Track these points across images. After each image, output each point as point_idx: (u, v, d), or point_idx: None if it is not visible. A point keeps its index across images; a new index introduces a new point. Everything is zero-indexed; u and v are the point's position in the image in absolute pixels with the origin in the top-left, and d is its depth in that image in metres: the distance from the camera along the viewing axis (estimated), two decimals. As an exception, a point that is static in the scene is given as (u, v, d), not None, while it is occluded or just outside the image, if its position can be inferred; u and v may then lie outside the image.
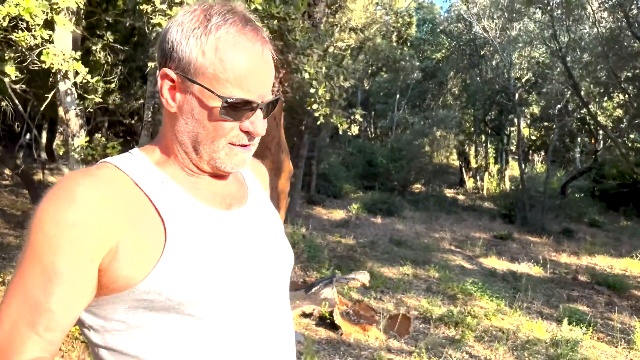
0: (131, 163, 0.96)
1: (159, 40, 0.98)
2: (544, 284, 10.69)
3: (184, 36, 0.92)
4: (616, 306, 9.62)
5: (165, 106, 0.97)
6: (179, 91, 0.94)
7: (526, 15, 15.36)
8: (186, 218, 0.93)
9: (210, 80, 0.91)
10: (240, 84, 0.91)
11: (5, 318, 0.85)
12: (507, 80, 17.68)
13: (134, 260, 0.87)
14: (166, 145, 0.99)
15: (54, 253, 0.84)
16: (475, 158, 24.19)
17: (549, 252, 14.17)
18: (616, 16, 12.10)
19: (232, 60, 0.91)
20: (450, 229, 15.70)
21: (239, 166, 0.99)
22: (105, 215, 0.85)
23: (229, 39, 0.91)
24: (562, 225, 17.52)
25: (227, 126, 0.94)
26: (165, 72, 0.94)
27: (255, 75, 0.93)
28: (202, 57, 0.90)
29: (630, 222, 19.42)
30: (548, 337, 6.91)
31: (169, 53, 0.93)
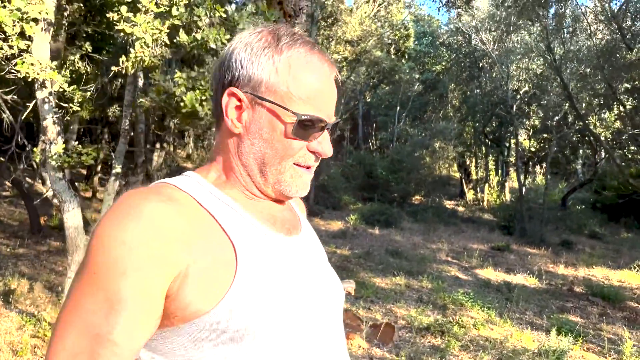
0: (190, 184, 0.91)
1: (220, 60, 0.96)
2: (539, 295, 10.65)
3: (254, 55, 0.90)
4: (609, 317, 9.57)
5: (230, 127, 0.93)
6: (246, 111, 0.92)
7: (522, 28, 15.46)
8: (255, 242, 0.89)
9: (282, 98, 0.89)
10: (312, 103, 0.90)
11: (61, 351, 0.76)
12: (505, 92, 17.74)
13: (205, 286, 0.80)
14: (225, 167, 0.96)
15: (119, 277, 0.75)
16: (475, 170, 24.20)
17: (546, 264, 14.12)
18: (611, 28, 12.17)
19: (305, 79, 0.90)
20: (448, 240, 15.68)
21: (302, 189, 0.96)
22: (174, 235, 0.79)
23: (301, 58, 0.91)
24: (562, 237, 17.46)
25: (296, 146, 0.92)
26: (232, 91, 0.91)
27: (325, 95, 0.92)
28: (275, 75, 0.89)
29: (630, 234, 19.32)
30: (535, 347, 6.89)
31: (237, 72, 0.91)
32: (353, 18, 13.17)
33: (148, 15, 2.61)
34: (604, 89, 15.72)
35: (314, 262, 1.01)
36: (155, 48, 2.78)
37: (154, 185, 0.91)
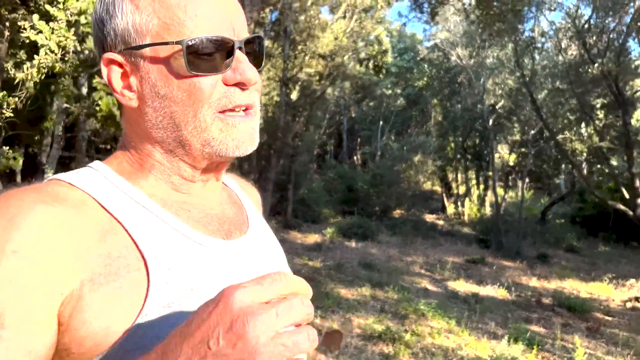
0: (92, 180, 0.72)
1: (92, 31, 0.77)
2: (505, 306, 10.73)
3: (109, 5, 0.72)
4: (571, 327, 9.67)
5: (123, 101, 0.74)
6: (132, 74, 0.72)
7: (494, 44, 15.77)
8: (174, 250, 0.70)
9: (159, 34, 0.69)
10: (200, 22, 0.69)
11: None
12: (482, 106, 18.02)
13: (107, 311, 0.62)
14: (138, 152, 0.76)
15: None
16: (456, 184, 24.40)
17: (519, 276, 14.22)
18: (576, 44, 12.46)
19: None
20: (424, 253, 15.77)
21: (245, 142, 0.74)
22: (61, 244, 0.62)
23: None
24: (539, 250, 17.59)
25: (205, 85, 0.70)
26: (107, 57, 0.72)
27: (212, 4, 0.71)
28: (137, 13, 0.70)
29: (607, 248, 19.49)
30: (488, 355, 6.97)
31: (101, 34, 0.73)
32: (328, 33, 13.41)
33: (58, 23, 2.72)
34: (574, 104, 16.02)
35: (263, 268, 0.80)
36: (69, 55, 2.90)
37: (43, 183, 0.71)
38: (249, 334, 0.49)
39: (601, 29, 11.77)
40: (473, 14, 9.56)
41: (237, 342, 0.49)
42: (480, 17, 9.28)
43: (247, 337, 0.49)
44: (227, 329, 0.50)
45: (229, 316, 0.50)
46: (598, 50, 12.12)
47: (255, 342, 0.49)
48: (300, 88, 14.82)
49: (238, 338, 0.49)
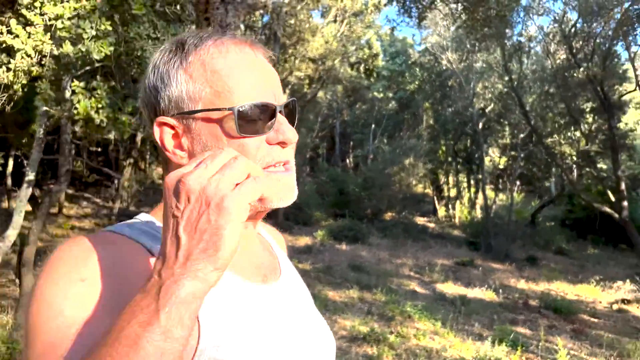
0: (140, 229, 0.80)
1: (140, 94, 0.85)
2: (492, 308, 10.82)
3: (163, 73, 0.79)
4: (557, 329, 9.76)
5: (174, 160, 0.80)
6: (183, 135, 0.79)
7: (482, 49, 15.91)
8: (222, 297, 0.77)
9: (211, 100, 0.77)
10: (246, 91, 0.78)
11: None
12: (472, 110, 18.15)
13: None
14: None
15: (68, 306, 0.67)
16: (447, 187, 24.53)
17: (507, 278, 14.33)
18: (564, 48, 12.59)
19: (227, 67, 0.78)
20: (414, 256, 15.85)
21: (287, 195, 0.81)
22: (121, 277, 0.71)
23: (213, 51, 0.79)
24: (528, 253, 17.71)
25: (252, 145, 0.78)
26: (159, 121, 0.79)
27: (257, 76, 0.80)
28: (191, 82, 0.78)
29: (596, 250, 19.65)
30: (472, 356, 7.04)
31: (155, 100, 0.80)
32: (318, 37, 13.49)
33: (36, 27, 2.78)
34: (563, 108, 16.16)
35: (296, 311, 0.89)
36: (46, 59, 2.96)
37: (98, 234, 0.79)
38: (188, 188, 0.59)
39: (587, 34, 11.91)
40: (460, 18, 9.69)
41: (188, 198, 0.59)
42: (466, 22, 9.40)
43: (189, 191, 0.59)
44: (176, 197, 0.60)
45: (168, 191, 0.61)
46: (585, 54, 12.25)
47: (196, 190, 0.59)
48: (290, 92, 14.91)
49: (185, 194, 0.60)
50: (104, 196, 20.01)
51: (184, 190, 0.59)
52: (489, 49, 15.25)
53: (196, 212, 0.59)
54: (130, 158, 16.37)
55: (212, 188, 0.58)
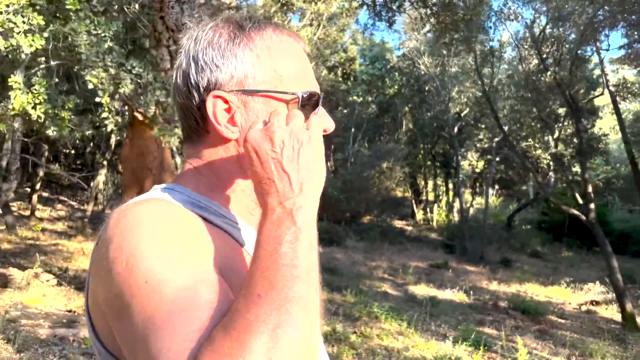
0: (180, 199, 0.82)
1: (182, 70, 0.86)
2: (461, 309, 10.92)
3: (227, 51, 0.83)
4: (522, 329, 9.88)
5: (224, 134, 0.83)
6: (238, 111, 0.83)
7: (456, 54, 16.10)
8: None
9: (272, 83, 0.83)
10: (301, 79, 0.85)
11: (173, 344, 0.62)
12: (447, 114, 18.33)
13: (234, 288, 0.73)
14: (217, 176, 0.87)
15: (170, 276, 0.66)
16: (425, 190, 24.70)
17: (480, 280, 14.46)
18: (534, 53, 12.79)
19: (287, 57, 0.85)
20: (389, 258, 15.94)
21: None
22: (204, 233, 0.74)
23: (275, 39, 0.85)
24: (503, 255, 17.91)
25: None
26: (217, 94, 0.82)
27: (308, 68, 0.88)
28: (258, 63, 0.83)
29: (571, 253, 19.92)
30: (433, 355, 7.10)
31: (213, 74, 0.83)
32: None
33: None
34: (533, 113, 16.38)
35: None
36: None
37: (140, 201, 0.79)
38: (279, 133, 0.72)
39: (556, 39, 12.11)
40: (429, 22, 9.81)
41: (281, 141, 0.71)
42: (435, 26, 9.52)
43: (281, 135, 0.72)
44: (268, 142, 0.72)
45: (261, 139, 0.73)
46: (554, 59, 12.46)
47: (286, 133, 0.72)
48: (265, 94, 14.80)
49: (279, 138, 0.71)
50: (79, 199, 19.85)
51: (275, 135, 0.71)
52: (460, 54, 15.42)
53: (293, 150, 0.70)
54: (104, 160, 16.23)
55: (296, 130, 0.72)
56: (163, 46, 5.46)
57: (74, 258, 10.24)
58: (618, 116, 14.62)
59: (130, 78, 3.84)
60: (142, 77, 4.01)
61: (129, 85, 3.89)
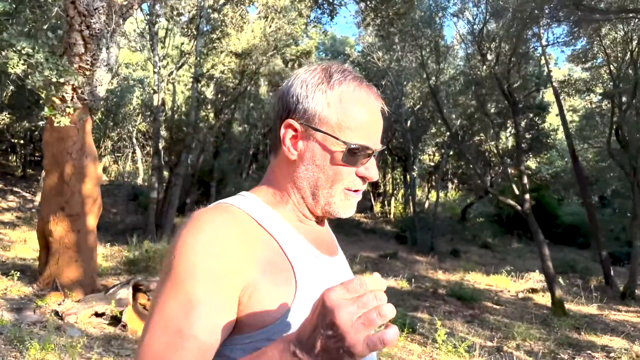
0: (248, 205, 1.00)
1: (279, 95, 1.05)
2: (400, 296, 11.25)
3: (309, 91, 0.99)
4: (454, 314, 10.26)
5: (287, 154, 1.01)
6: (301, 140, 1.00)
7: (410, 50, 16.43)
8: (308, 263, 0.98)
9: (333, 128, 0.98)
10: (360, 132, 0.98)
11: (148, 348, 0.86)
12: (401, 109, 18.67)
13: (271, 300, 0.89)
14: (280, 189, 1.04)
15: (197, 281, 0.86)
16: (383, 183, 25.09)
17: (427, 270, 14.85)
18: (473, 48, 13.15)
19: (354, 111, 0.98)
20: (341, 249, 16.19)
21: (349, 211, 1.04)
22: (243, 251, 0.89)
23: (350, 92, 0.99)
24: (454, 247, 18.39)
25: (346, 171, 1.00)
26: (289, 122, 1.00)
27: (372, 125, 1.01)
28: (327, 108, 0.98)
29: (520, 244, 20.53)
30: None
31: (293, 106, 1.00)
32: (247, 32, 13.63)
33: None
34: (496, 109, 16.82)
35: (349, 274, 1.13)
36: None
37: (219, 204, 0.99)
38: (338, 321, 0.70)
39: (495, 34, 12.49)
40: (368, 16, 10.05)
41: (332, 327, 0.71)
42: (374, 20, 9.76)
43: (337, 323, 0.70)
44: (324, 319, 0.72)
45: (324, 310, 0.72)
46: (496, 55, 12.84)
47: (344, 325, 0.70)
48: (215, 85, 15.00)
49: (332, 325, 0.71)
50: (34, 191, 19.61)
51: (333, 319, 0.71)
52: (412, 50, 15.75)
53: (332, 341, 0.72)
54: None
55: (352, 334, 0.71)
56: (75, 31, 5.55)
57: (12, 247, 10.24)
58: (560, 111, 15.16)
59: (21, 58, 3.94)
60: (32, 57, 4.13)
61: (20, 66, 3.99)
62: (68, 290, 6.51)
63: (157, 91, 12.76)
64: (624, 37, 13.61)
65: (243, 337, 0.89)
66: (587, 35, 13.43)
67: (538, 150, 21.14)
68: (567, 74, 18.16)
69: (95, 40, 5.71)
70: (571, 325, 10.02)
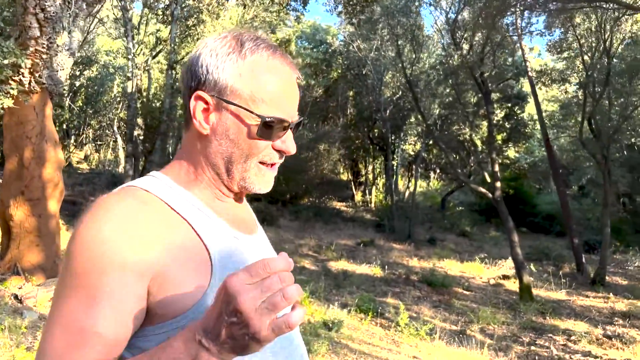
0: (159, 186, 0.95)
1: (187, 65, 0.99)
2: (372, 282, 11.39)
3: (219, 60, 0.94)
4: (423, 299, 10.42)
5: (198, 128, 0.96)
6: (213, 113, 0.95)
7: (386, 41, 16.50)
8: (226, 244, 0.95)
9: (246, 100, 0.93)
10: (275, 104, 0.94)
11: (49, 349, 0.81)
12: (379, 98, 18.76)
13: (183, 286, 0.85)
14: (194, 167, 0.99)
15: (99, 274, 0.81)
16: (365, 171, 25.23)
17: (402, 257, 15.02)
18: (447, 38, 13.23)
19: (268, 82, 0.94)
20: (318, 237, 16.32)
21: (265, 186, 1.01)
22: (151, 237, 0.85)
23: (263, 62, 0.94)
24: (432, 235, 18.58)
25: (261, 145, 0.96)
26: (199, 94, 0.95)
27: (287, 96, 0.96)
28: (239, 79, 0.93)
29: (498, 233, 20.77)
30: (321, 318, 7.48)
31: (203, 77, 0.95)
32: (223, 19, 13.60)
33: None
34: (463, 98, 16.94)
35: (268, 253, 1.10)
36: None
37: (125, 187, 0.93)
38: (241, 306, 0.69)
39: (468, 23, 12.58)
40: (340, 3, 10.08)
41: (236, 314, 0.70)
42: (346, 7, 9.80)
43: (240, 309, 0.69)
44: (227, 306, 0.70)
45: (226, 297, 0.70)
46: (470, 45, 12.94)
47: (247, 311, 0.69)
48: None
49: (235, 311, 0.70)
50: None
51: (236, 306, 0.69)
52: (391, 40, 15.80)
53: (237, 328, 0.71)
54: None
55: (256, 320, 0.69)
56: (30, 14, 5.54)
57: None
58: (535, 100, 15.33)
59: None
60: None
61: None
62: (29, 274, 6.55)
63: (131, 78, 12.71)
64: (597, 27, 13.77)
65: (155, 327, 0.86)
66: (560, 26, 13.56)
67: (517, 139, 21.35)
68: (544, 64, 18.31)
69: (50, 23, 5.71)
70: (537, 310, 10.22)
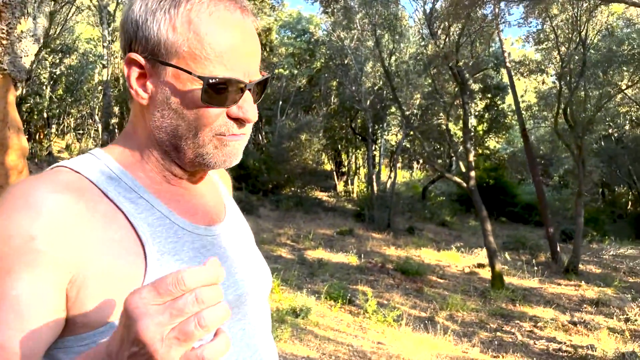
0: (95, 168, 0.79)
1: (121, 21, 0.82)
2: (346, 270, 11.51)
3: (149, 12, 0.76)
4: (396, 287, 10.57)
5: (135, 98, 0.79)
6: (150, 78, 0.78)
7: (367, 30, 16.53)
8: (169, 238, 0.78)
9: (185, 60, 0.75)
10: (222, 61, 0.75)
11: None
12: (359, 88, 18.82)
13: (109, 290, 0.71)
14: (138, 144, 0.83)
15: (4, 275, 0.67)
16: (347, 161, 25.35)
17: (380, 246, 15.17)
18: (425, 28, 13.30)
19: (210, 33, 0.75)
20: (298, 226, 16.41)
21: (231, 158, 0.82)
22: (71, 229, 0.70)
23: (203, 9, 0.75)
24: (412, 224, 18.76)
25: (212, 114, 0.77)
26: (131, 57, 0.78)
27: (239, 49, 0.77)
28: (172, 33, 0.75)
29: (477, 222, 21.02)
30: (289, 305, 7.58)
31: (133, 34, 0.78)
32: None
33: None
34: (445, 89, 17.06)
35: (238, 251, 0.91)
36: None
37: (50, 170, 0.78)
38: (142, 336, 0.53)
39: (443, 13, 12.66)
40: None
41: (137, 343, 0.54)
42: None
43: (141, 339, 0.53)
44: (129, 332, 0.54)
45: (127, 320, 0.54)
46: (446, 35, 13.02)
47: (150, 341, 0.53)
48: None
49: (136, 340, 0.54)
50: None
51: (137, 334, 0.54)
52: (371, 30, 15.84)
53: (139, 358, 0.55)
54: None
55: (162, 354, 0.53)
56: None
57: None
58: (513, 90, 15.48)
59: None
60: None
61: None
62: (-6, 261, 6.55)
63: (106, 66, 12.64)
64: (573, 18, 13.91)
65: (77, 338, 0.72)
66: (536, 16, 13.69)
67: (497, 130, 21.56)
68: (522, 54, 18.48)
69: (10, 9, 5.66)
70: (507, 297, 10.42)
